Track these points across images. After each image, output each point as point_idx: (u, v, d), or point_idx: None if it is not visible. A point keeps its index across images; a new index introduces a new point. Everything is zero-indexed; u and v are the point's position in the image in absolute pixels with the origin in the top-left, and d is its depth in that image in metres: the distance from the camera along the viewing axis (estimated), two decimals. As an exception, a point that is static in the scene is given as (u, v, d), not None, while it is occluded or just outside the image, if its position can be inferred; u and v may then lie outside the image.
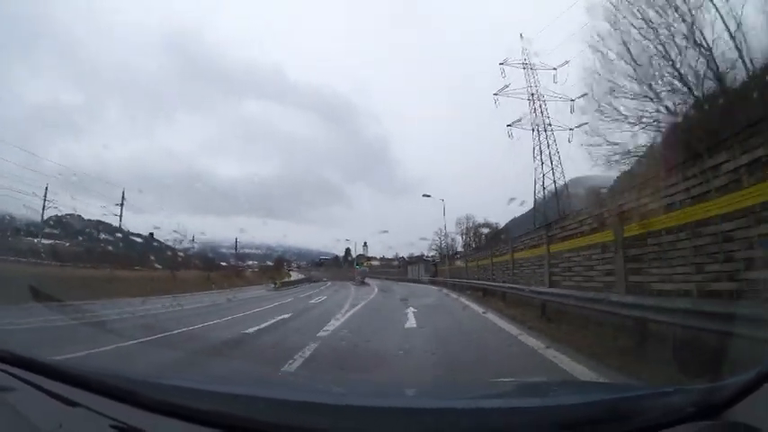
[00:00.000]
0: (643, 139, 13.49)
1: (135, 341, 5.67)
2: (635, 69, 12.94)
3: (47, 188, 22.69)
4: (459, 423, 1.10)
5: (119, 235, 27.16)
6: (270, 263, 41.03)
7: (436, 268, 33.85)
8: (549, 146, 29.84)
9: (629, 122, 13.41)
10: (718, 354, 2.78)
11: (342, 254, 52.90)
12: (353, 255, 48.47)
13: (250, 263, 40.73)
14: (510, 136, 29.98)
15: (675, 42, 11.87)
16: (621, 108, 13.68)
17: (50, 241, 26.71)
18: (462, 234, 37.67)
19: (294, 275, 40.30)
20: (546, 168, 29.46)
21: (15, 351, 1.64)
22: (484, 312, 9.77)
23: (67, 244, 29.25)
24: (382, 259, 48.75)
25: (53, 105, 51.96)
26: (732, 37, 11.01)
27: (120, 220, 27.80)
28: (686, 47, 11.63)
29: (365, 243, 46.14)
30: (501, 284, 13.13)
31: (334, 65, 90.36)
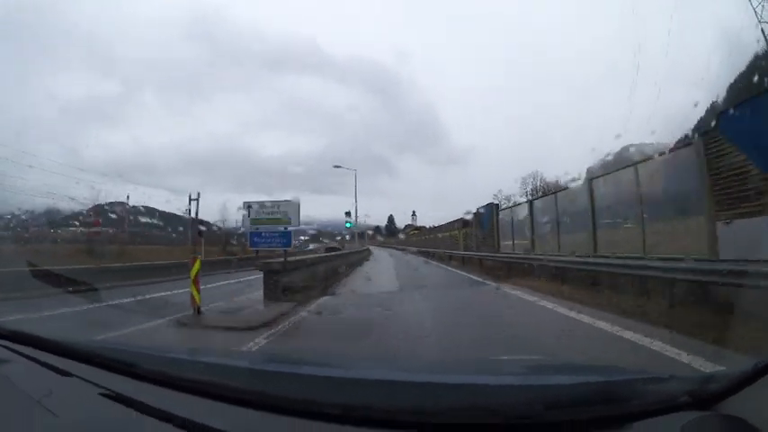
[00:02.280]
0: None
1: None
2: None
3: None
4: (445, 397, 1.08)
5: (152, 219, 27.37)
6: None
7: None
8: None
9: None
10: None
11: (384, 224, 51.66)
12: (397, 223, 46.28)
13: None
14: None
15: None
16: None
17: (96, 228, 27.86)
18: (528, 195, 29.55)
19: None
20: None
21: (8, 326, 1.72)
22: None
23: (111, 231, 30.70)
24: (432, 228, 42.88)
25: (91, 98, 53.38)
26: None
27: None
28: None
29: (414, 212, 43.39)
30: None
31: (370, 32, 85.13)
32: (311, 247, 36.74)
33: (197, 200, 26.28)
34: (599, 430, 0.97)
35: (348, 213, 22.50)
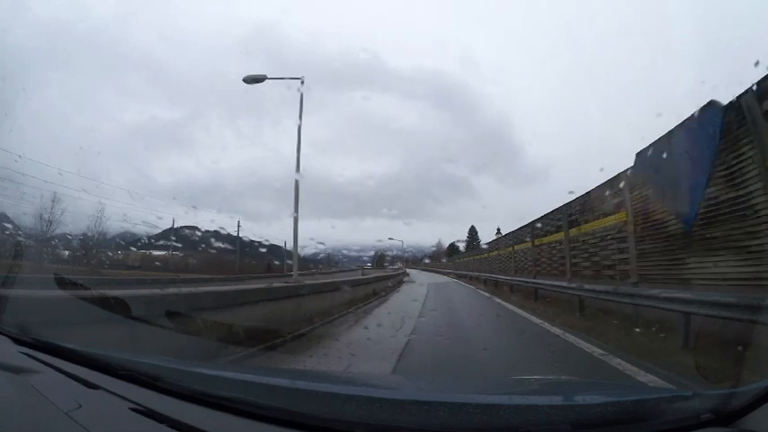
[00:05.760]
0: None
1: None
2: None
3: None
4: (475, 417, 1.10)
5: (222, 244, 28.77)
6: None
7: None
8: None
9: None
10: None
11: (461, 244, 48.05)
12: (481, 241, 42.62)
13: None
14: None
15: None
16: None
17: (162, 252, 28.75)
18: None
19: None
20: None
21: (39, 336, 1.73)
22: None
23: (181, 254, 32.68)
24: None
25: (154, 124, 53.33)
26: None
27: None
28: None
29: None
30: None
31: (435, 44, 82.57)
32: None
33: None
34: None
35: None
